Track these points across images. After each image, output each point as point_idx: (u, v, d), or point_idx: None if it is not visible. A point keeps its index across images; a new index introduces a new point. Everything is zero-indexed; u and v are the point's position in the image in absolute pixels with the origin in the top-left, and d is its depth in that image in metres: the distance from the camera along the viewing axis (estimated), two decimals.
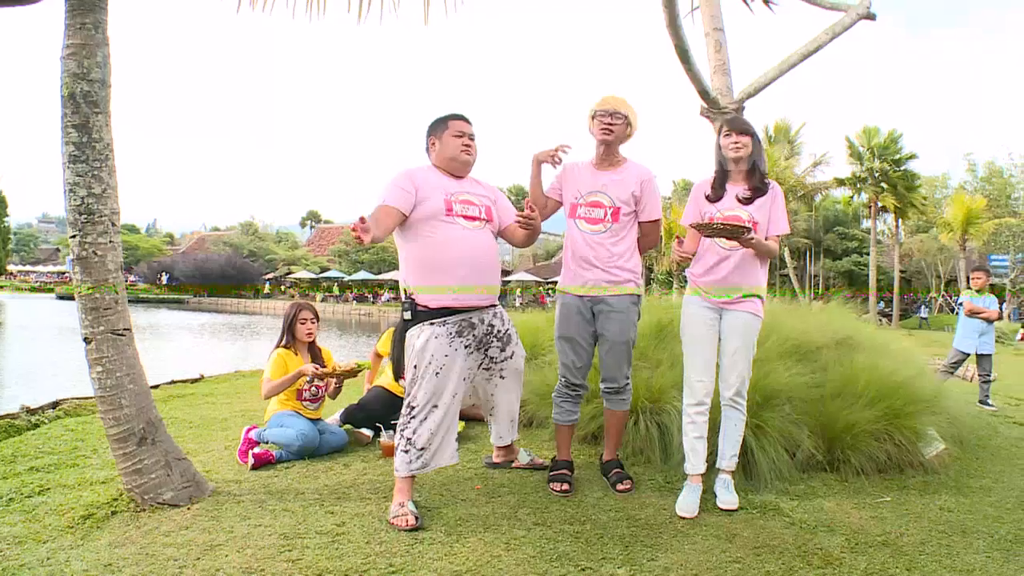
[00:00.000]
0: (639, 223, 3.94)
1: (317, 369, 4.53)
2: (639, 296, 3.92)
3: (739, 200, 3.71)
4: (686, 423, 3.74)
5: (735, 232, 3.50)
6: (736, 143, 3.68)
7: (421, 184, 3.55)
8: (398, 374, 4.92)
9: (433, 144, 3.71)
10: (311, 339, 4.75)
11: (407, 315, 3.55)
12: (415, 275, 3.55)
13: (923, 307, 39.45)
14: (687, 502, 3.56)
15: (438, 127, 3.70)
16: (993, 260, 33.66)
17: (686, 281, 3.96)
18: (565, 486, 3.80)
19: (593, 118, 3.84)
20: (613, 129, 3.79)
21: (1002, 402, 7.38)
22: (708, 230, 3.55)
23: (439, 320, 3.50)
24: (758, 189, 3.70)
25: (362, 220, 3.13)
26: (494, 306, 3.77)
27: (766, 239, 3.68)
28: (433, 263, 3.51)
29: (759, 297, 3.73)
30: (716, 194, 3.78)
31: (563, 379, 3.93)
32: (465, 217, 3.58)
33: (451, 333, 3.52)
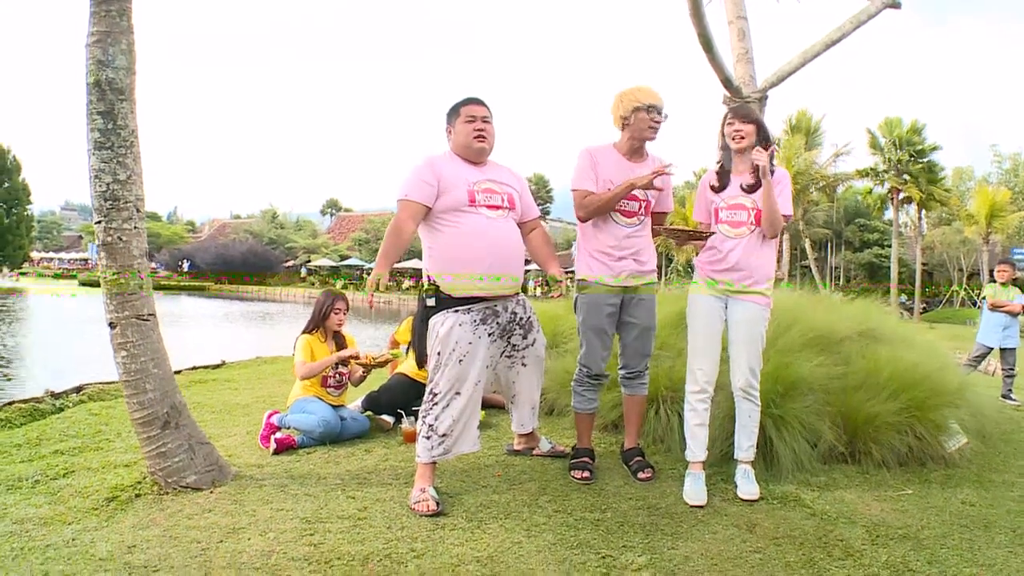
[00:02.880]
0: (652, 213, 3.91)
1: (357, 356, 4.58)
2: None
3: (743, 189, 3.66)
4: (687, 410, 3.74)
5: (697, 236, 3.64)
6: (739, 131, 3.62)
7: (443, 174, 3.54)
8: (421, 362, 4.95)
9: (449, 132, 3.71)
10: (340, 328, 4.81)
11: (430, 302, 3.55)
12: (439, 265, 3.55)
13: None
14: (694, 489, 3.56)
15: (452, 114, 3.70)
16: (1016, 253, 33.18)
17: None
18: (586, 474, 3.80)
19: (638, 111, 3.67)
20: (659, 127, 3.75)
21: None
22: (673, 235, 3.67)
23: (463, 307, 3.51)
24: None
25: (372, 291, 3.45)
26: (517, 294, 3.77)
27: None
28: (458, 254, 3.51)
29: (766, 291, 3.68)
30: (721, 183, 3.74)
31: (586, 369, 3.89)
32: (488, 207, 3.57)
33: (475, 320, 3.53)
